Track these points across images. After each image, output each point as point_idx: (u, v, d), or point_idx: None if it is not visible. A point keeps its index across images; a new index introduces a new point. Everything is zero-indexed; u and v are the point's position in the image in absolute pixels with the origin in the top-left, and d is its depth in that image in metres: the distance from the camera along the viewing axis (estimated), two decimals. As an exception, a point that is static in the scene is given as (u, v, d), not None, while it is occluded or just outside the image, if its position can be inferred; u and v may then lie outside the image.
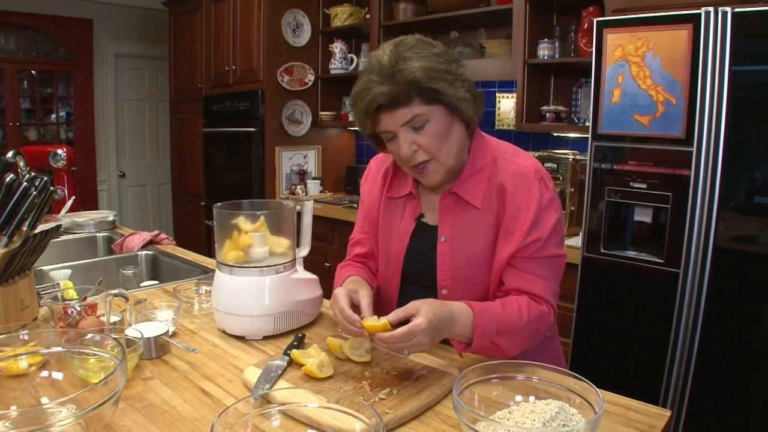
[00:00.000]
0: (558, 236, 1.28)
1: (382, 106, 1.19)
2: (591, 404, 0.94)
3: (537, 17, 3.02)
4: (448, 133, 1.23)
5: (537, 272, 1.25)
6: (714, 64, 1.98)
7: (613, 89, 2.21)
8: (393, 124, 1.21)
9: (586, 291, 2.41)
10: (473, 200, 1.30)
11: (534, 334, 1.24)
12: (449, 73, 1.20)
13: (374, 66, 1.20)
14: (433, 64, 1.18)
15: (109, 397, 0.88)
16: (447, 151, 1.24)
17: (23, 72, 5.25)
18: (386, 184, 1.45)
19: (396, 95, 1.17)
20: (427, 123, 1.20)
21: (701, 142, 2.04)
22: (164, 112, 5.71)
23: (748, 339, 2.04)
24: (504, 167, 1.29)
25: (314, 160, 4.44)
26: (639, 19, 2.13)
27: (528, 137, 3.40)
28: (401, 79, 1.16)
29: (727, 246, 2.04)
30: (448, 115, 1.22)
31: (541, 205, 1.24)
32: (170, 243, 2.51)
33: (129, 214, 6.08)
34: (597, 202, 2.34)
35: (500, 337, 1.17)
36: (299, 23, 4.18)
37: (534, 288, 1.24)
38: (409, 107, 1.18)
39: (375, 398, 1.05)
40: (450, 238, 1.32)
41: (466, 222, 1.31)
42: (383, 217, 1.45)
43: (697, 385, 2.14)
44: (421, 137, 1.21)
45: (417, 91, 1.17)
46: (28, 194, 1.36)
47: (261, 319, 1.37)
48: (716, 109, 1.99)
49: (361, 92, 1.21)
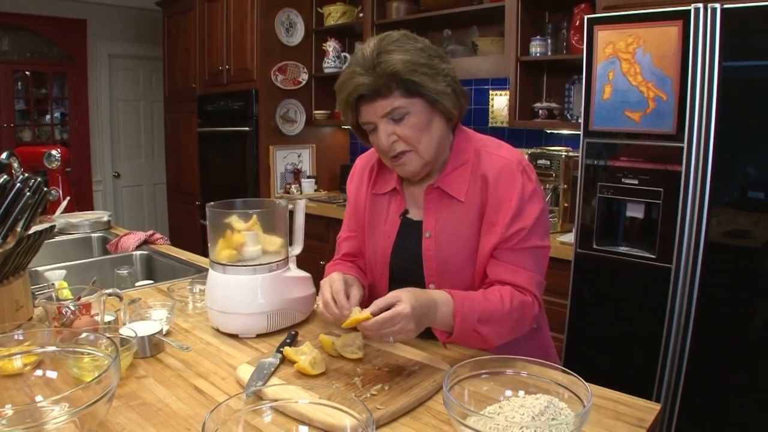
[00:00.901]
0: (542, 227, 1.28)
1: (363, 96, 1.22)
2: (580, 398, 0.95)
3: (529, 15, 3.03)
4: (428, 126, 1.25)
5: (520, 263, 1.26)
6: (704, 60, 1.99)
7: (604, 86, 2.22)
8: (373, 115, 1.24)
9: (579, 287, 2.42)
10: (457, 194, 1.31)
11: (518, 324, 1.25)
12: (430, 67, 1.22)
13: (358, 58, 1.23)
14: (415, 57, 1.20)
15: (103, 394, 0.89)
16: (426, 144, 1.26)
17: (17, 73, 5.24)
18: (371, 181, 1.47)
19: (376, 86, 1.20)
20: (407, 115, 1.23)
21: (692, 138, 2.05)
22: (159, 113, 5.71)
23: (740, 333, 2.06)
24: (487, 159, 1.30)
25: (309, 159, 4.44)
26: (629, 16, 2.14)
27: (521, 134, 3.41)
28: (381, 70, 1.19)
29: (718, 241, 2.06)
30: (429, 109, 1.25)
31: (523, 197, 1.25)
32: (165, 243, 2.52)
33: (124, 215, 6.07)
34: (589, 198, 2.36)
35: (482, 325, 1.18)
36: (292, 22, 4.18)
37: (517, 279, 1.25)
38: (389, 99, 1.21)
39: (366, 394, 1.06)
40: (435, 234, 1.33)
41: (450, 217, 1.32)
42: (369, 215, 1.47)
43: (690, 379, 2.15)
44: (401, 128, 1.23)
45: (397, 83, 1.20)
46: (22, 195, 1.36)
47: (254, 317, 1.38)
48: (706, 105, 2.01)
49: (344, 83, 1.24)
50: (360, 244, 1.52)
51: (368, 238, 1.47)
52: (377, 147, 1.30)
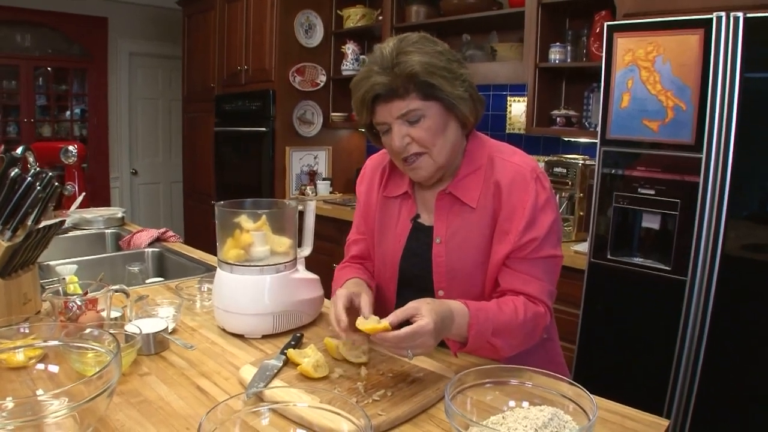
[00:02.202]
0: (554, 237, 1.26)
1: (379, 96, 1.21)
2: (585, 411, 0.92)
3: (549, 21, 3.00)
4: (443, 130, 1.24)
5: (532, 273, 1.24)
6: (725, 69, 1.95)
7: (623, 94, 2.19)
8: (388, 115, 1.22)
9: (592, 297, 2.39)
10: (469, 200, 1.29)
11: (530, 335, 1.24)
12: (448, 71, 1.21)
13: (376, 57, 1.21)
14: (433, 60, 1.19)
15: (103, 390, 0.88)
16: (440, 147, 1.24)
17: (39, 69, 5.31)
18: (382, 184, 1.45)
19: (393, 87, 1.18)
20: (423, 118, 1.21)
21: (711, 149, 2.01)
22: (177, 111, 5.75)
23: (755, 350, 2.01)
24: (500, 166, 1.28)
25: (325, 161, 4.44)
26: (650, 24, 2.11)
27: (538, 142, 3.38)
28: (400, 71, 1.17)
29: (735, 254, 2.02)
30: (444, 113, 1.23)
31: (537, 205, 1.23)
32: (177, 240, 2.52)
33: (141, 212, 6.12)
34: (605, 207, 2.32)
35: (496, 337, 1.17)
36: (312, 24, 4.19)
37: (529, 289, 1.24)
38: (406, 100, 1.20)
39: (369, 399, 1.04)
40: (445, 240, 1.32)
41: (461, 223, 1.31)
42: (379, 218, 1.45)
43: (702, 395, 2.11)
44: (416, 130, 1.22)
45: (414, 84, 1.18)
46: (33, 189, 1.37)
47: (260, 317, 1.37)
48: (726, 116, 1.97)
49: (360, 81, 1.23)
50: (369, 247, 1.50)
51: (378, 241, 1.45)
52: (390, 148, 1.28)
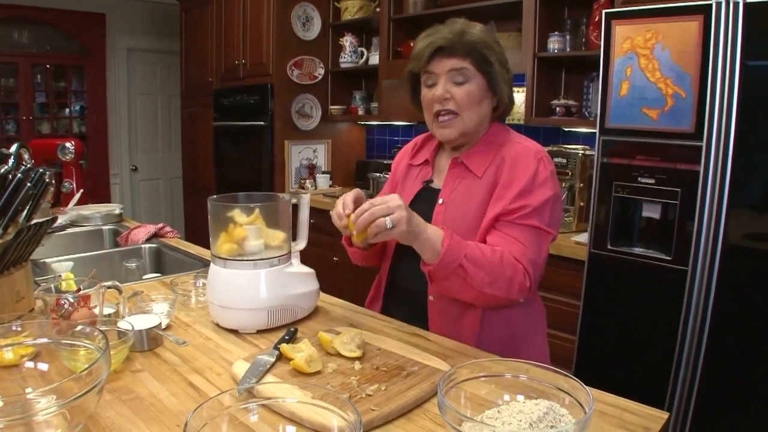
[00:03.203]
0: (548, 213, 1.34)
1: (441, 49, 1.36)
2: (581, 404, 0.91)
3: (548, 10, 2.97)
4: (480, 101, 1.40)
5: (517, 236, 1.31)
6: (725, 56, 1.93)
7: (622, 82, 2.17)
8: (440, 68, 1.38)
9: (592, 287, 2.37)
10: (476, 170, 1.42)
11: (505, 280, 1.26)
12: (502, 59, 1.40)
13: (444, 26, 1.39)
14: (493, 44, 1.39)
15: (91, 387, 0.87)
16: (472, 114, 1.40)
17: (37, 66, 5.29)
18: (412, 154, 1.63)
19: (455, 47, 1.35)
20: (467, 82, 1.37)
21: (711, 137, 1.99)
22: (176, 107, 5.73)
23: (757, 340, 1.99)
24: (509, 146, 1.42)
25: (324, 155, 4.42)
26: (648, 11, 2.08)
27: (538, 132, 3.35)
28: (465, 38, 1.35)
29: (737, 243, 1.99)
30: (486, 87, 1.40)
31: (535, 179, 1.34)
32: (175, 236, 2.51)
33: (141, 208, 6.11)
34: (604, 197, 2.30)
35: (468, 261, 1.22)
36: (309, 17, 4.16)
37: (512, 249, 1.29)
38: (461, 61, 1.36)
39: (362, 394, 1.03)
40: (447, 202, 1.44)
41: (464, 188, 1.43)
42: (402, 182, 1.62)
43: (704, 385, 2.09)
44: (457, 90, 1.37)
45: (473, 52, 1.35)
46: (23, 186, 1.35)
47: (254, 312, 1.36)
48: (727, 103, 1.94)
49: (429, 33, 1.40)
50: None
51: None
52: (429, 100, 1.42)
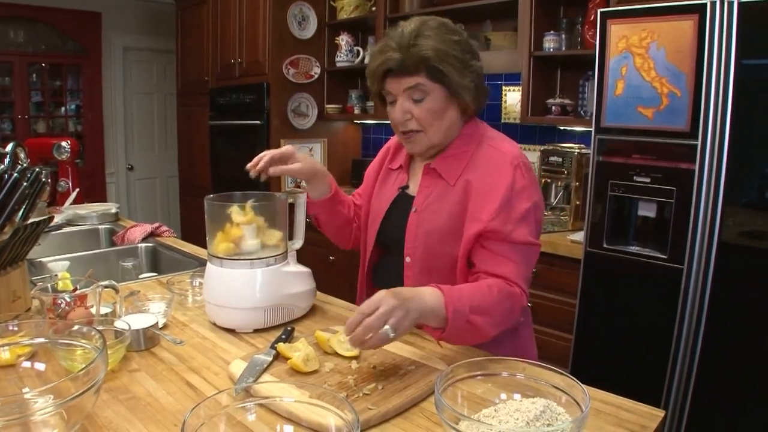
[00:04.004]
0: (528, 225, 1.29)
1: (391, 70, 1.31)
2: (577, 402, 0.91)
3: (543, 9, 2.97)
4: (443, 113, 1.33)
5: (507, 255, 1.27)
6: (720, 55, 1.94)
7: (617, 81, 2.17)
8: (396, 88, 1.33)
9: (588, 286, 2.38)
10: (448, 177, 1.37)
11: (508, 314, 1.24)
12: (460, 61, 1.30)
13: (396, 34, 1.31)
14: (447, 48, 1.28)
15: (89, 386, 0.87)
16: (436, 129, 1.34)
17: (33, 66, 5.27)
18: (389, 157, 1.58)
19: (405, 65, 1.28)
20: (426, 97, 1.31)
21: (706, 136, 2.00)
22: (172, 106, 5.72)
23: (753, 337, 2.00)
24: (483, 150, 1.36)
25: (320, 154, 4.42)
26: (643, 10, 2.09)
27: (534, 131, 3.36)
28: (414, 52, 1.27)
29: (732, 242, 2.00)
30: (447, 98, 1.32)
31: (513, 190, 1.28)
32: (171, 235, 2.51)
33: (137, 207, 6.10)
34: (600, 196, 2.31)
35: (474, 314, 1.16)
36: (305, 16, 4.15)
37: (503, 270, 1.25)
38: (414, 77, 1.29)
39: (359, 393, 1.03)
40: (420, 210, 1.40)
41: (438, 196, 1.38)
42: (378, 186, 1.57)
43: (700, 383, 2.10)
44: (417, 108, 1.32)
45: (425, 66, 1.28)
46: (19, 185, 1.35)
47: (251, 311, 1.36)
48: (722, 102, 1.95)
49: (377, 53, 1.34)
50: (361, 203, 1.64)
51: (372, 203, 1.56)
52: (391, 119, 1.38)
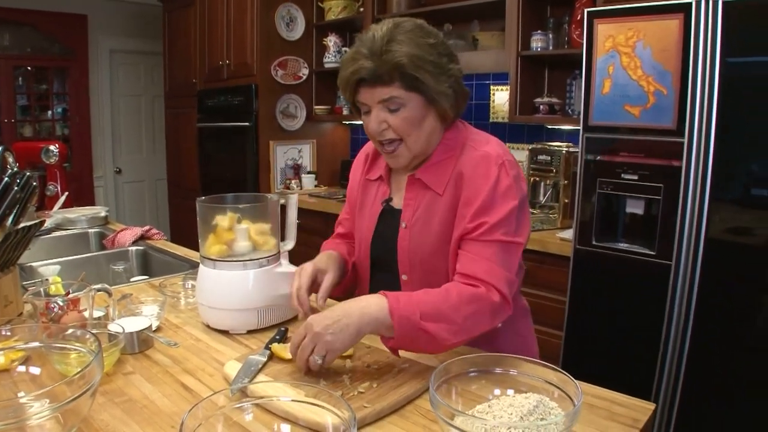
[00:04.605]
0: (512, 223, 1.22)
1: (363, 80, 1.22)
2: (570, 397, 0.93)
3: (530, 9, 3.00)
4: (421, 121, 1.25)
5: (482, 254, 1.19)
6: (705, 54, 1.96)
7: (604, 80, 2.20)
8: (370, 99, 1.24)
9: (578, 283, 2.40)
10: (436, 187, 1.30)
11: (473, 319, 1.13)
12: (436, 66, 1.22)
13: (367, 40, 1.22)
14: (423, 53, 1.20)
15: (85, 390, 0.87)
16: (416, 138, 1.26)
17: (19, 69, 5.23)
18: (366, 167, 1.49)
19: (378, 74, 1.20)
20: (402, 107, 1.23)
21: (692, 133, 2.02)
22: (160, 108, 5.69)
23: (740, 331, 2.03)
24: (468, 154, 1.29)
25: (309, 155, 4.42)
26: (630, 9, 2.11)
27: (522, 130, 3.38)
28: (387, 59, 1.18)
29: (719, 238, 2.03)
30: (425, 105, 1.24)
31: (496, 190, 1.22)
32: (161, 238, 2.50)
33: (126, 210, 6.07)
34: (589, 194, 2.33)
35: (428, 321, 1.09)
36: (293, 17, 4.16)
37: (474, 269, 1.18)
38: (389, 88, 1.21)
39: (354, 392, 1.04)
40: (410, 225, 1.33)
41: (426, 208, 1.32)
42: (360, 199, 1.48)
43: (689, 377, 2.13)
44: (393, 118, 1.24)
45: (399, 74, 1.19)
46: (10, 190, 1.35)
47: (244, 313, 1.37)
48: (707, 100, 1.98)
49: (348, 61, 1.24)
50: (351, 226, 1.55)
51: (357, 221, 1.49)
52: (367, 129, 1.30)
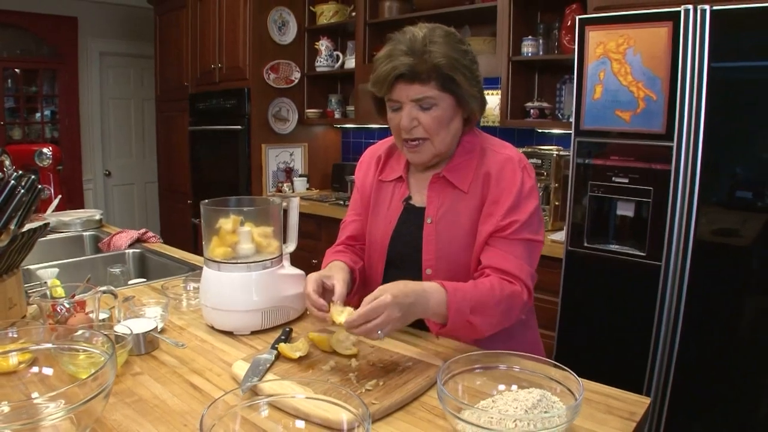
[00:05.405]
0: (535, 222, 1.34)
1: (402, 75, 1.27)
2: (572, 392, 0.96)
3: (521, 15, 3.05)
4: (450, 122, 1.33)
5: (512, 251, 1.30)
6: (693, 60, 2.01)
7: (595, 86, 2.24)
8: (405, 96, 1.29)
9: (570, 284, 2.44)
10: (461, 185, 1.38)
11: (507, 314, 1.27)
12: (469, 71, 1.31)
13: (406, 39, 1.28)
14: (459, 56, 1.28)
15: (99, 391, 0.89)
16: (443, 137, 1.34)
17: (7, 70, 5.20)
18: (378, 168, 1.54)
19: (417, 71, 1.26)
20: (435, 106, 1.30)
21: (681, 138, 2.07)
22: (150, 111, 5.69)
23: (728, 330, 2.08)
24: (491, 157, 1.38)
25: (301, 158, 4.44)
26: (620, 17, 2.16)
27: (513, 134, 3.42)
28: (428, 58, 1.25)
29: (707, 239, 2.08)
30: (455, 106, 1.32)
31: (522, 192, 1.32)
32: (157, 241, 2.52)
33: (115, 213, 6.04)
34: (580, 196, 2.38)
35: (474, 315, 1.20)
36: (285, 21, 4.18)
37: (508, 265, 1.28)
38: (425, 86, 1.27)
39: (361, 389, 1.07)
40: (436, 220, 1.39)
41: (452, 205, 1.39)
42: (374, 200, 1.53)
43: (679, 375, 2.18)
44: (425, 116, 1.30)
45: (437, 74, 1.26)
46: (16, 193, 1.36)
47: (249, 314, 1.39)
48: (695, 105, 2.03)
49: (386, 57, 1.29)
50: (362, 227, 1.57)
51: (371, 222, 1.52)
52: (395, 126, 1.35)
